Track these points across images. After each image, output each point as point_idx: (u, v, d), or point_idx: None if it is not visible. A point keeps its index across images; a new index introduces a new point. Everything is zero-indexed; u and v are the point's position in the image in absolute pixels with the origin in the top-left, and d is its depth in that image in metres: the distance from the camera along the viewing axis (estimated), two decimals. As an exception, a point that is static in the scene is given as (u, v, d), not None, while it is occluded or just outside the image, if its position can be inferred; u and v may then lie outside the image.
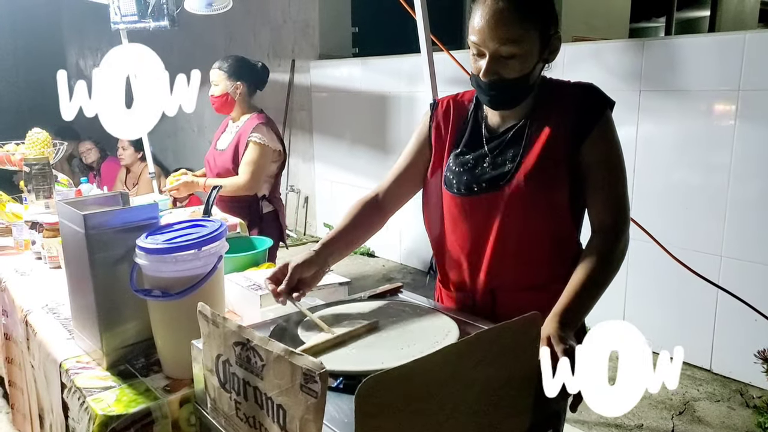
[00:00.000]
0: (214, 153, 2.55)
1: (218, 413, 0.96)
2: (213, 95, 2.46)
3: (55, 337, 1.42)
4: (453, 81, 3.22)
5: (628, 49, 3.01)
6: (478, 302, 1.28)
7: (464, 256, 1.27)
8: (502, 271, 1.24)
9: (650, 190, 2.92)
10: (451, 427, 0.82)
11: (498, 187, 1.20)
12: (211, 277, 1.18)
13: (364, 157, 4.67)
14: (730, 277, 2.65)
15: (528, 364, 0.91)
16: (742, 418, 2.46)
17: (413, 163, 1.35)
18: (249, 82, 2.47)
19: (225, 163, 2.44)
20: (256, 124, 2.41)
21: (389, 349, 1.01)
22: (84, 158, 4.95)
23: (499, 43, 1.11)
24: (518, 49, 1.12)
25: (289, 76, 5.23)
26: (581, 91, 1.22)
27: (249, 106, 2.51)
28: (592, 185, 1.19)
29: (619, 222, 1.19)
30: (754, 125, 2.58)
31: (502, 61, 1.13)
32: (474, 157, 1.25)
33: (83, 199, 1.47)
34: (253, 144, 2.38)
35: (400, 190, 1.36)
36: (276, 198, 2.54)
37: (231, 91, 2.44)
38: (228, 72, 2.44)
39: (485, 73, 1.14)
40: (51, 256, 1.93)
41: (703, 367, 2.86)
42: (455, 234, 1.28)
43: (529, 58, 1.14)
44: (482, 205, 1.22)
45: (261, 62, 2.55)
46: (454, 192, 1.25)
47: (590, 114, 1.18)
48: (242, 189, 2.39)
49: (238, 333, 0.87)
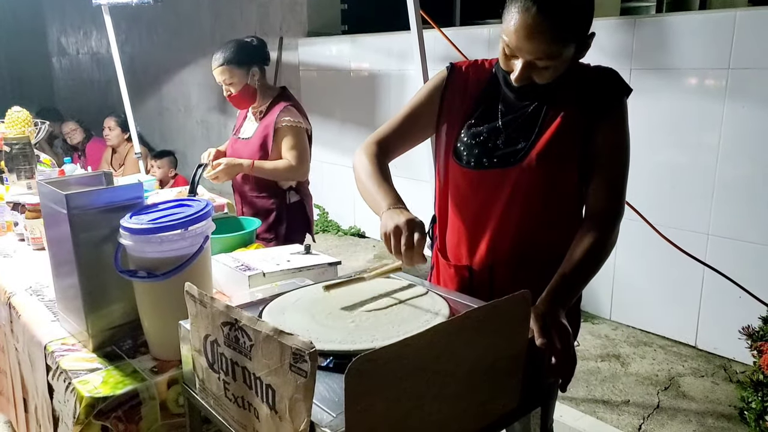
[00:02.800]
0: (236, 143, 2.32)
1: (207, 394, 0.95)
2: (232, 94, 2.21)
3: (40, 319, 1.40)
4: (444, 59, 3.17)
5: (619, 27, 2.99)
6: (476, 277, 1.28)
7: (466, 229, 1.27)
8: (503, 247, 1.24)
9: (639, 168, 2.90)
10: (441, 405, 0.82)
11: (509, 163, 1.19)
12: (198, 257, 1.16)
13: (354, 136, 4.63)
14: (716, 255, 2.68)
15: (518, 342, 0.91)
16: (726, 392, 2.51)
17: (419, 118, 1.30)
18: (259, 63, 2.25)
19: (252, 153, 2.22)
20: (282, 107, 2.21)
21: (379, 328, 1.00)
22: (69, 139, 4.86)
23: (535, 56, 1.09)
24: (554, 62, 1.10)
25: (276, 54, 5.14)
26: (602, 76, 1.21)
27: (269, 87, 2.31)
28: (596, 170, 1.19)
29: (616, 210, 1.19)
30: (744, 104, 2.59)
31: (537, 69, 1.11)
32: (488, 130, 1.23)
33: (65, 178, 1.44)
34: (288, 128, 2.19)
35: (401, 141, 1.31)
36: (304, 187, 2.36)
37: (250, 81, 2.21)
38: (237, 63, 2.18)
39: (518, 79, 1.13)
40: (34, 238, 1.89)
41: (688, 343, 2.90)
42: (460, 206, 1.28)
43: (564, 64, 1.13)
44: (491, 180, 1.21)
45: (252, 37, 2.32)
46: (463, 164, 1.24)
47: (607, 101, 1.18)
48: (297, 173, 2.22)
49: (226, 313, 0.86)
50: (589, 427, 2.28)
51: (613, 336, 3.04)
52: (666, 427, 2.30)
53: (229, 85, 2.20)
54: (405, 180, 3.95)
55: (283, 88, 2.35)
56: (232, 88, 2.20)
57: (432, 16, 2.56)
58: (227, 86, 2.20)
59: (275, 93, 2.29)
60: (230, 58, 2.17)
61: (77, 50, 8.15)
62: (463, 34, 3.66)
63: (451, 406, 0.83)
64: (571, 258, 1.12)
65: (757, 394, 1.79)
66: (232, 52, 2.18)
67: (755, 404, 1.77)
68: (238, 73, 2.18)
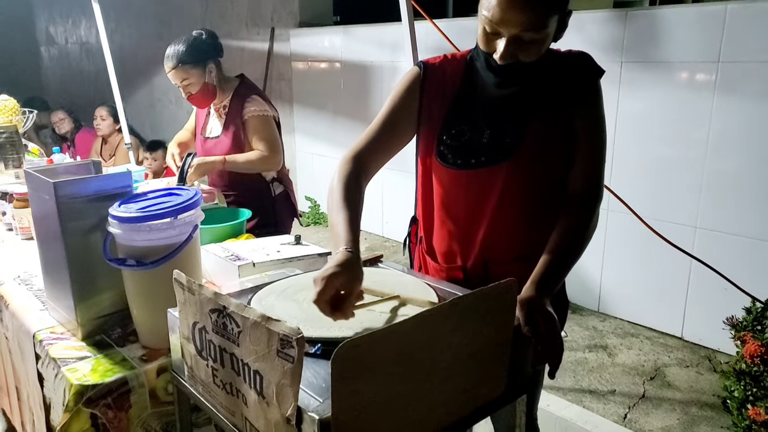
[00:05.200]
0: (206, 143, 2.24)
1: (195, 381, 0.96)
2: (191, 94, 2.11)
3: (29, 308, 1.40)
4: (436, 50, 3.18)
5: (610, 20, 3.00)
6: (470, 274, 1.27)
7: (458, 229, 1.26)
8: (497, 243, 1.23)
9: (629, 161, 2.95)
10: (427, 392, 0.83)
11: (498, 160, 1.18)
12: (187, 245, 1.17)
13: (346, 128, 4.62)
14: (703, 248, 2.72)
15: (504, 330, 0.92)
16: (710, 382, 2.55)
17: (398, 122, 1.25)
18: (214, 58, 2.15)
19: (224, 151, 2.15)
20: (245, 98, 2.15)
21: (367, 315, 1.01)
22: (57, 128, 4.82)
23: (521, 28, 1.03)
24: (540, 35, 1.05)
25: (268, 45, 5.12)
26: (575, 60, 1.20)
27: (227, 79, 2.22)
28: (575, 155, 1.18)
29: (595, 193, 1.19)
30: (733, 98, 2.61)
31: (522, 45, 1.06)
32: (470, 129, 1.20)
33: (53, 167, 1.43)
34: (255, 118, 2.13)
35: (382, 150, 1.24)
36: (285, 176, 2.32)
37: (208, 78, 2.12)
38: (193, 61, 2.07)
39: (502, 56, 1.07)
40: (22, 227, 1.88)
41: (674, 334, 2.94)
42: (449, 207, 1.26)
43: (547, 42, 1.10)
44: (480, 179, 1.20)
45: (201, 31, 2.17)
46: (449, 164, 1.21)
47: (583, 84, 1.17)
48: (272, 162, 2.15)
49: (214, 300, 0.86)
50: (575, 416, 2.31)
51: (600, 327, 3.07)
52: (651, 416, 2.34)
53: (187, 86, 2.10)
54: (395, 173, 3.97)
55: (242, 77, 2.26)
56: (191, 89, 2.10)
57: (424, 8, 2.56)
58: (185, 87, 2.10)
59: (235, 84, 2.21)
60: (183, 57, 2.06)
61: (66, 39, 8.06)
62: (456, 25, 3.66)
63: (438, 392, 0.85)
64: (553, 244, 1.12)
65: (739, 383, 1.82)
66: (184, 51, 2.06)
67: (738, 393, 1.81)
68: (195, 73, 2.08)
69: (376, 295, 1.05)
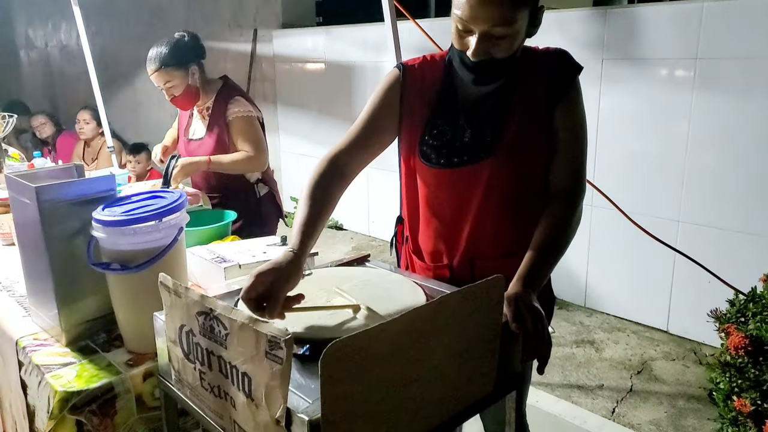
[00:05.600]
0: (189, 144, 2.22)
1: (183, 385, 0.95)
2: (174, 96, 2.10)
3: (11, 314, 1.37)
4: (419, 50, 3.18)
5: (591, 18, 3.03)
6: (456, 272, 1.28)
7: (443, 228, 1.26)
8: (482, 241, 1.24)
9: (611, 157, 2.98)
10: (417, 390, 0.83)
11: (479, 158, 1.19)
12: (172, 248, 1.15)
13: (331, 128, 4.61)
14: (686, 242, 2.76)
15: (492, 327, 0.93)
16: (696, 375, 2.59)
17: (378, 124, 1.25)
18: (197, 60, 2.14)
19: (207, 152, 2.14)
20: (229, 99, 2.14)
21: (355, 315, 1.01)
22: (38, 133, 4.74)
23: (491, 24, 1.05)
24: (510, 30, 1.06)
25: (251, 47, 5.09)
26: (553, 57, 1.21)
27: (210, 81, 2.21)
28: (556, 150, 1.19)
29: (577, 188, 1.20)
30: (711, 93, 2.65)
31: (493, 41, 1.07)
32: (451, 128, 1.21)
33: (35, 172, 1.41)
34: (239, 119, 2.11)
35: (363, 152, 1.24)
36: (269, 177, 2.30)
37: (191, 81, 2.11)
38: (176, 63, 2.06)
39: (475, 53, 1.08)
40: (3, 233, 1.85)
41: (660, 328, 2.98)
42: (433, 206, 1.26)
43: (519, 37, 1.10)
44: (463, 177, 1.20)
45: (183, 32, 2.16)
46: (432, 164, 1.22)
47: (562, 81, 1.18)
48: (257, 163, 2.14)
49: (200, 302, 0.85)
50: (564, 412, 2.33)
51: (587, 323, 3.10)
52: (639, 410, 2.37)
53: (170, 88, 2.09)
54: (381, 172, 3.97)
55: (225, 78, 2.26)
56: (174, 91, 2.09)
57: (407, 7, 2.56)
58: (168, 90, 2.09)
59: (218, 86, 2.20)
60: (166, 60, 2.05)
61: (46, 43, 7.94)
62: (438, 25, 3.67)
63: (427, 391, 0.85)
64: (538, 240, 1.13)
65: (725, 375, 1.85)
66: (167, 54, 2.05)
67: (723, 385, 1.83)
68: (178, 75, 2.07)
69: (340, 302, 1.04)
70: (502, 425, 1.07)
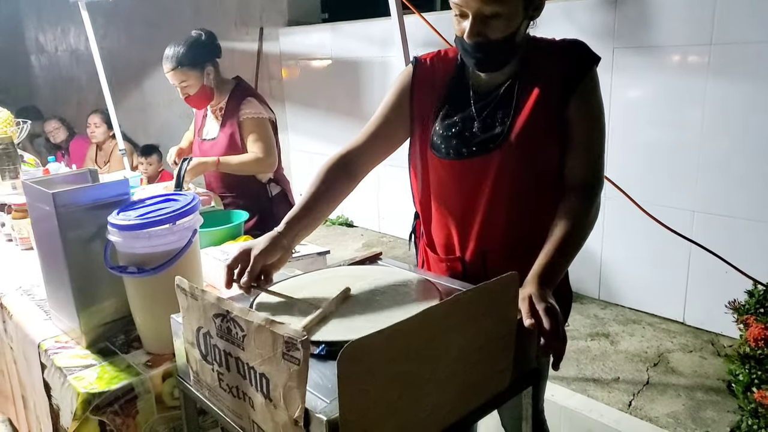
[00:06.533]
0: (202, 144, 2.25)
1: (201, 385, 0.96)
2: (189, 96, 2.13)
3: (32, 318, 1.40)
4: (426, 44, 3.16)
5: (600, 6, 3.00)
6: (468, 266, 1.28)
7: (454, 220, 1.26)
8: (493, 234, 1.24)
9: (624, 146, 2.95)
10: (434, 388, 0.83)
11: (488, 150, 1.18)
12: (187, 251, 1.17)
13: (339, 125, 4.62)
14: (702, 232, 2.72)
15: (507, 323, 0.93)
16: (714, 366, 2.56)
17: (391, 123, 1.28)
18: (213, 60, 2.17)
19: (220, 153, 2.17)
20: (242, 100, 2.16)
21: (370, 314, 1.01)
22: (52, 138, 4.80)
23: (481, 2, 1.07)
24: (502, 8, 1.08)
25: (257, 45, 5.10)
26: (568, 47, 1.20)
27: (224, 81, 2.23)
28: (572, 141, 1.18)
29: (595, 181, 1.19)
30: (726, 79, 2.61)
31: (487, 21, 1.09)
32: (461, 119, 1.22)
33: (50, 177, 1.43)
34: (250, 120, 2.13)
35: (374, 150, 1.28)
36: (281, 177, 2.32)
37: (206, 81, 2.13)
38: (191, 63, 2.08)
39: (469, 34, 1.10)
40: (22, 238, 1.88)
41: (676, 319, 2.95)
42: (445, 198, 1.27)
43: (514, 17, 1.10)
44: (473, 168, 1.20)
45: (200, 31, 2.18)
46: (442, 155, 1.23)
47: (577, 71, 1.17)
48: (265, 164, 2.15)
49: (217, 305, 0.86)
50: (580, 405, 2.32)
51: (602, 315, 3.08)
52: (656, 403, 2.35)
53: (184, 87, 2.11)
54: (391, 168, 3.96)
55: (238, 79, 2.28)
56: (189, 90, 2.12)
57: (412, 2, 2.56)
58: (183, 89, 2.12)
59: (231, 86, 2.22)
60: (182, 59, 2.07)
61: (56, 47, 8.01)
62: (444, 18, 3.64)
63: (444, 389, 0.85)
64: (554, 235, 1.12)
65: (744, 367, 1.83)
66: (183, 53, 2.07)
67: (743, 377, 1.81)
68: (193, 75, 2.10)
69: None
70: (519, 421, 1.07)
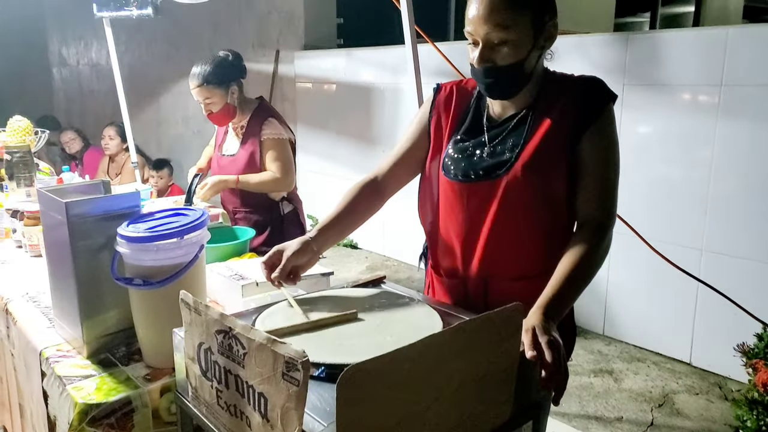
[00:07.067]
0: (221, 160, 2.33)
1: (199, 402, 0.96)
2: (212, 113, 2.20)
3: (36, 325, 1.40)
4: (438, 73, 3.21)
5: (612, 43, 3.03)
6: (470, 290, 1.29)
7: (458, 242, 1.28)
8: (496, 260, 1.25)
9: (632, 183, 2.95)
10: (433, 416, 0.82)
11: (495, 175, 1.21)
12: (193, 266, 1.17)
13: (348, 148, 4.66)
14: (710, 271, 2.70)
15: (510, 354, 0.92)
16: (721, 410, 2.51)
17: (413, 146, 1.35)
18: (238, 79, 2.25)
19: (239, 170, 2.24)
20: (263, 120, 2.23)
21: (371, 338, 1.01)
22: (67, 148, 4.88)
23: (489, 29, 1.13)
24: (508, 35, 1.13)
25: (273, 67, 5.19)
26: (585, 83, 1.22)
27: (247, 101, 2.31)
28: (585, 178, 1.19)
29: (607, 217, 1.19)
30: (736, 120, 2.62)
31: (495, 48, 1.15)
32: (473, 144, 1.26)
33: (64, 187, 1.45)
34: (271, 141, 2.20)
35: (399, 172, 1.37)
36: (295, 196, 2.38)
37: (229, 99, 2.21)
38: (217, 81, 2.16)
39: (478, 60, 1.17)
40: (32, 245, 1.90)
41: (682, 360, 2.91)
42: (450, 220, 1.29)
43: (522, 45, 1.15)
44: (478, 192, 1.23)
45: (227, 52, 2.27)
46: (451, 178, 1.26)
47: (592, 107, 1.19)
48: (283, 184, 2.23)
49: (220, 321, 0.86)
50: (582, 442, 2.28)
51: (606, 351, 3.04)
52: (659, 443, 2.30)
53: (208, 104, 2.18)
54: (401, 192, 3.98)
55: (261, 99, 2.35)
56: (212, 108, 2.19)
57: (426, 31, 2.60)
58: (206, 105, 2.19)
59: (254, 106, 2.29)
60: (209, 77, 2.15)
61: (77, 61, 8.19)
62: (457, 48, 3.70)
63: (443, 417, 0.84)
64: (562, 269, 1.12)
65: (752, 413, 1.79)
66: (210, 72, 2.16)
67: (750, 423, 1.78)
68: (218, 93, 2.17)
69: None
70: (518, 455, 1.05)
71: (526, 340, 0.98)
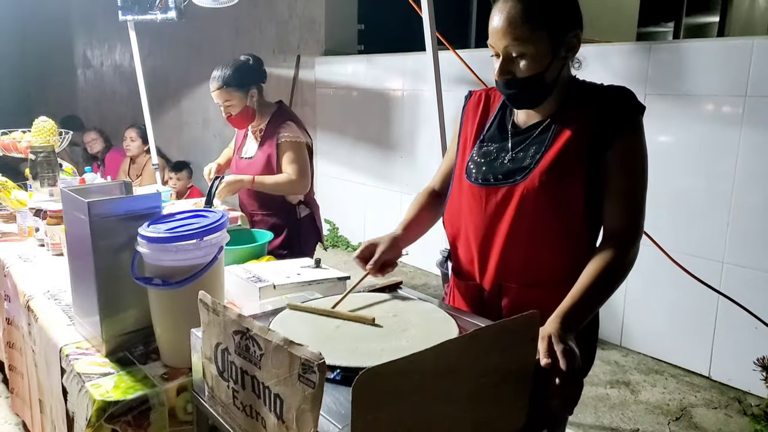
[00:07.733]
0: (239, 162, 2.35)
1: (215, 402, 0.97)
2: (231, 115, 2.22)
3: (56, 322, 1.43)
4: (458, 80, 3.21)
5: (634, 52, 3.01)
6: (486, 294, 1.30)
7: (476, 246, 1.29)
8: (511, 265, 1.25)
9: (653, 193, 2.85)
10: (447, 422, 0.82)
11: (514, 180, 1.22)
12: (212, 267, 1.19)
13: (367, 154, 4.67)
14: (731, 284, 2.65)
15: (525, 362, 0.91)
16: (740, 425, 2.45)
17: (452, 153, 1.41)
18: (258, 83, 2.27)
19: (256, 171, 2.25)
20: (281, 123, 2.25)
21: (387, 342, 1.01)
22: (89, 148, 4.97)
23: (507, 42, 1.15)
24: (526, 49, 1.15)
25: (293, 72, 5.23)
26: (613, 94, 1.22)
27: (266, 105, 2.32)
28: (612, 190, 1.18)
29: (633, 231, 1.19)
30: (760, 132, 2.58)
31: (514, 61, 1.17)
32: (497, 150, 1.28)
33: (87, 187, 1.48)
34: (288, 144, 2.21)
35: (448, 180, 1.42)
36: (311, 199, 2.40)
37: (249, 102, 2.23)
38: (237, 84, 2.18)
39: (498, 72, 1.20)
40: (54, 243, 1.94)
41: (701, 373, 2.85)
42: (470, 223, 1.30)
43: (540, 58, 1.16)
44: (497, 196, 1.24)
45: (248, 56, 2.29)
46: (472, 181, 1.28)
47: (619, 118, 1.18)
48: (298, 186, 2.23)
49: (237, 322, 0.87)
50: (597, 454, 2.24)
51: (623, 362, 3.00)
52: (676, 458, 2.26)
53: (228, 107, 2.20)
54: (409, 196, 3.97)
55: (280, 103, 2.37)
56: (232, 110, 2.21)
57: (447, 38, 2.60)
58: (226, 108, 2.21)
59: (273, 109, 2.31)
60: (229, 80, 2.17)
61: (101, 63, 8.36)
62: (478, 56, 3.70)
63: (457, 423, 0.84)
64: (584, 279, 1.11)
65: (770, 427, 1.75)
66: (230, 75, 2.18)
67: (768, 437, 1.74)
68: (237, 95, 2.19)
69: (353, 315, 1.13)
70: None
71: (542, 347, 0.97)
